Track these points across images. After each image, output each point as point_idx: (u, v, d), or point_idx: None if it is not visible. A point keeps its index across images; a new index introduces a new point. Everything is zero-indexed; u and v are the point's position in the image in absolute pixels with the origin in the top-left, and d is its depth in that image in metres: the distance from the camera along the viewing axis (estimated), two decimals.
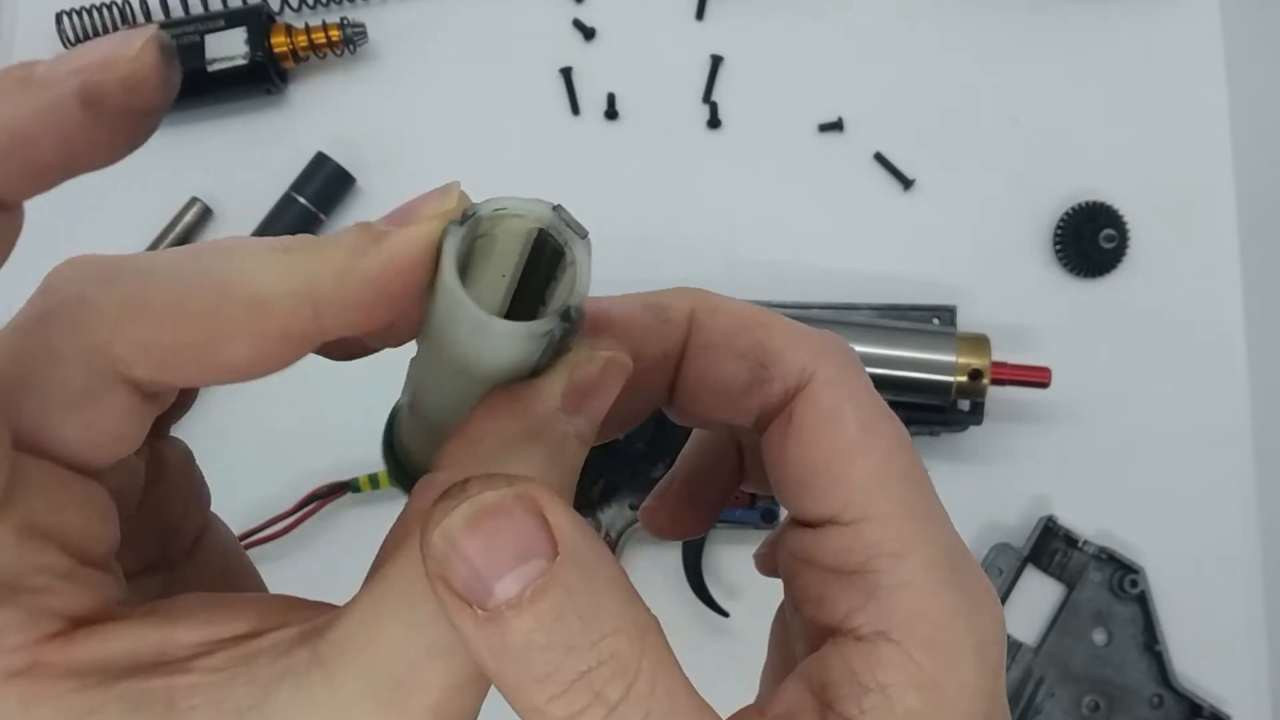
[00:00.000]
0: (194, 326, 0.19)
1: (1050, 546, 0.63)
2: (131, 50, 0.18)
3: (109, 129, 0.18)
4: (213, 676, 0.19)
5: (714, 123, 0.70)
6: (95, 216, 0.69)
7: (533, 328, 0.20)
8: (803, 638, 0.24)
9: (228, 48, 0.66)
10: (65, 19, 0.69)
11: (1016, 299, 0.67)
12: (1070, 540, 0.63)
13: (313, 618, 0.20)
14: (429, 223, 0.20)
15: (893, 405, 0.23)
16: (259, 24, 0.67)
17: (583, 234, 0.21)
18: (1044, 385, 0.61)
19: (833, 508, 0.21)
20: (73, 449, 0.19)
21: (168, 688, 0.18)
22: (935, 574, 0.21)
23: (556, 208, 0.21)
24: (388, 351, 0.24)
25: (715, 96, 0.70)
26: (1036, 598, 0.64)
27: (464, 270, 0.21)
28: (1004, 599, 0.63)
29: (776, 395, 0.22)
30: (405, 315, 0.21)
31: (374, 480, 0.63)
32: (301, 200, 0.67)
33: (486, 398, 0.21)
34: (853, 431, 0.21)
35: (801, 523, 0.22)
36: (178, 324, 0.19)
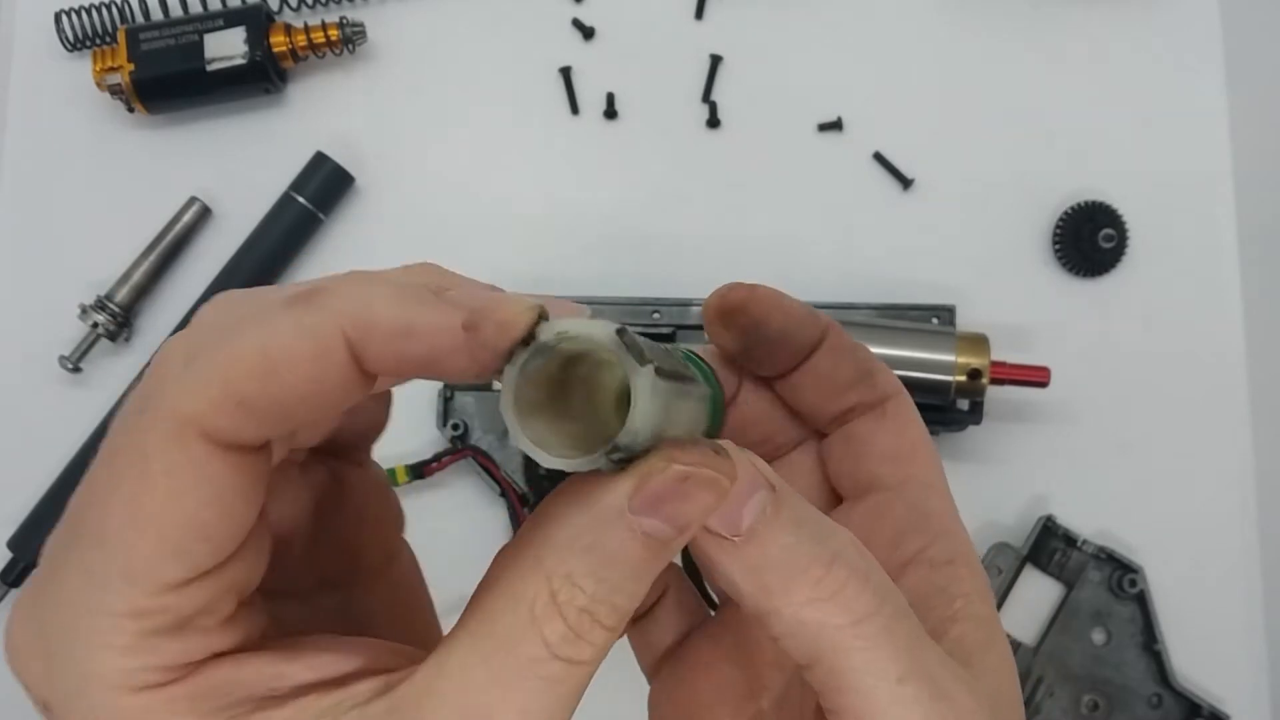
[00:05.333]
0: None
1: (1049, 546, 0.63)
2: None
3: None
4: (301, 715, 0.21)
5: (713, 122, 0.70)
6: (95, 216, 0.69)
7: (577, 463, 0.21)
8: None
9: (227, 47, 0.66)
10: (65, 19, 0.69)
11: (1016, 299, 0.67)
12: (1069, 540, 0.63)
13: (416, 662, 0.21)
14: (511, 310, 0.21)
15: None
16: (258, 23, 0.67)
17: (643, 361, 0.20)
18: (1043, 385, 0.61)
19: (906, 476, 0.31)
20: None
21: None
22: (962, 527, 0.30)
23: (620, 331, 0.20)
24: None
25: (715, 96, 0.70)
26: (1035, 597, 0.64)
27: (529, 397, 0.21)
28: (1003, 598, 0.63)
29: (876, 396, 0.31)
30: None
31: (391, 473, 0.63)
32: (300, 200, 0.67)
33: (563, 484, 0.23)
34: (921, 431, 0.32)
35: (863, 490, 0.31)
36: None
